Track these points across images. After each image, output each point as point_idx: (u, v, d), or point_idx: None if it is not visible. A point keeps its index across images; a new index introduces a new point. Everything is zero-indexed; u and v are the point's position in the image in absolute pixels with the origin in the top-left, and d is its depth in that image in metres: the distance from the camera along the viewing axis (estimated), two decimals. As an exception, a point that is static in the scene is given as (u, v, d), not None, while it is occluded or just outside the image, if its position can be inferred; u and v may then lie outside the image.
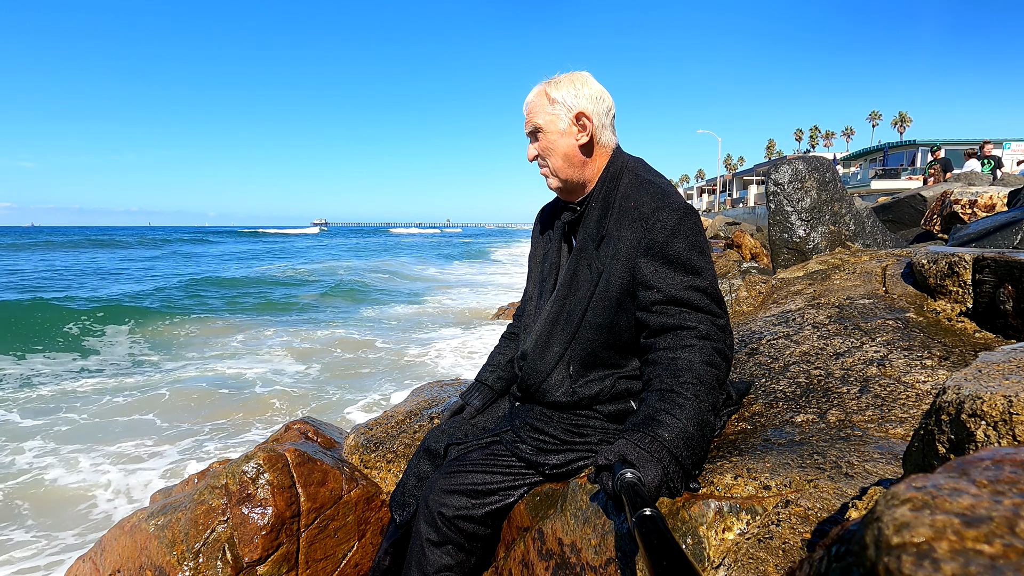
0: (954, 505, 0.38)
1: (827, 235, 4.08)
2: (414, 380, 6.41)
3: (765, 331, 2.19)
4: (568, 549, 1.26)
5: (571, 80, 1.41)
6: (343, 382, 6.63)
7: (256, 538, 1.76)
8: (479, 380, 1.74)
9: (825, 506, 1.01)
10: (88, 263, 26.60)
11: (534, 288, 1.57)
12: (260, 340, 9.31)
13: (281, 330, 10.18)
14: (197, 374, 7.02)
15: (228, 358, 8.03)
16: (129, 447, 4.73)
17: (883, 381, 1.57)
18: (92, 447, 4.72)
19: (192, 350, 8.80)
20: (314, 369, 7.28)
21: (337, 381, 6.68)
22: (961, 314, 1.99)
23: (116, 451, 4.64)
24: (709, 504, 1.07)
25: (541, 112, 1.40)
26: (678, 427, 1.10)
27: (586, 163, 1.42)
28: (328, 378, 6.83)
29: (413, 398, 2.58)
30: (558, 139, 1.40)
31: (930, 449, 0.85)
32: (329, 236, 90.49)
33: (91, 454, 4.58)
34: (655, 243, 1.27)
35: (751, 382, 1.73)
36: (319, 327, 10.47)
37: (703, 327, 1.22)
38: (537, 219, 1.68)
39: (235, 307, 13.35)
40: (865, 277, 2.63)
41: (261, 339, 9.40)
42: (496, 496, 1.43)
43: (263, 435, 4.86)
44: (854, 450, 1.21)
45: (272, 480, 1.82)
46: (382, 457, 2.14)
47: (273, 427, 4.94)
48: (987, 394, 0.78)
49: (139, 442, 4.83)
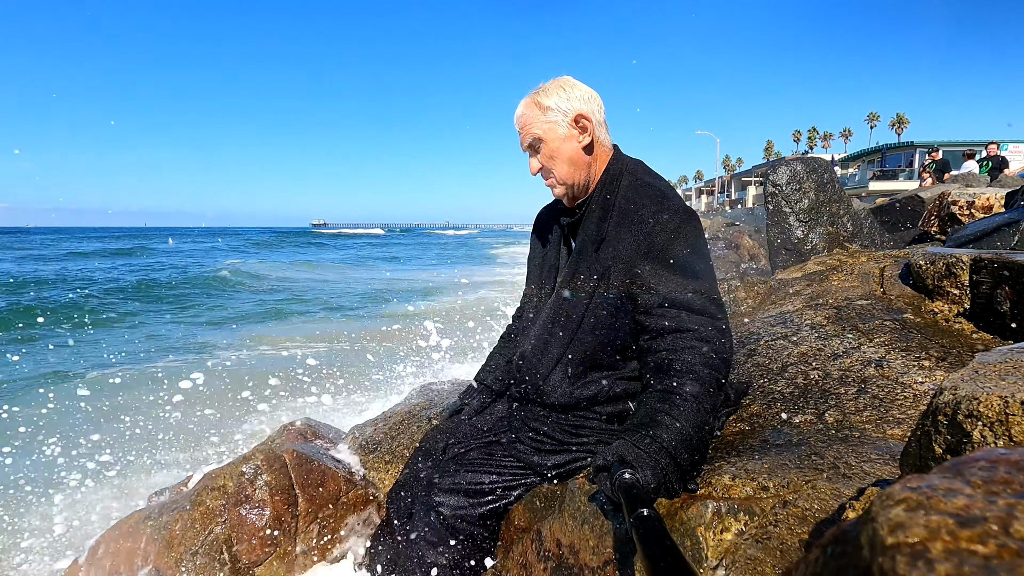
0: (949, 505, 0.38)
1: (825, 236, 4.08)
2: (413, 380, 6.40)
3: (763, 332, 2.19)
4: (567, 550, 1.26)
5: (559, 85, 1.39)
6: (342, 381, 6.63)
7: (254, 539, 1.76)
8: (478, 381, 1.75)
9: (823, 507, 1.02)
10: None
11: (533, 290, 1.57)
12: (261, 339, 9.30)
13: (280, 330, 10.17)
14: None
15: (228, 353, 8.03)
16: (127, 447, 4.72)
17: (881, 382, 1.58)
18: (92, 446, 4.71)
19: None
20: (315, 369, 7.27)
21: (336, 381, 6.67)
22: (959, 315, 2.00)
23: (115, 450, 4.62)
24: (707, 505, 1.07)
25: (537, 123, 1.38)
26: (677, 428, 1.11)
27: (590, 164, 1.42)
28: (327, 377, 6.83)
29: (411, 399, 2.58)
30: (561, 145, 1.38)
31: (927, 450, 0.85)
32: (390, 238, 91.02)
33: (92, 453, 4.56)
34: (655, 246, 1.27)
35: (749, 383, 1.74)
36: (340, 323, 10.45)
37: (703, 329, 1.22)
38: (536, 221, 1.68)
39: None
40: (863, 278, 2.63)
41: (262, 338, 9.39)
42: (494, 496, 1.43)
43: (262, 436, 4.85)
44: (852, 451, 1.22)
45: (270, 481, 1.82)
46: (380, 458, 2.14)
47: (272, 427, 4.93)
48: (983, 395, 0.78)
49: (136, 442, 4.82)
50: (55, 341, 9.55)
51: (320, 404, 5.79)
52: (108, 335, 9.95)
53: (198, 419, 5.42)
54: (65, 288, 15.90)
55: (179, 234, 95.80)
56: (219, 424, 5.26)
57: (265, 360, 7.91)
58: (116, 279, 18.29)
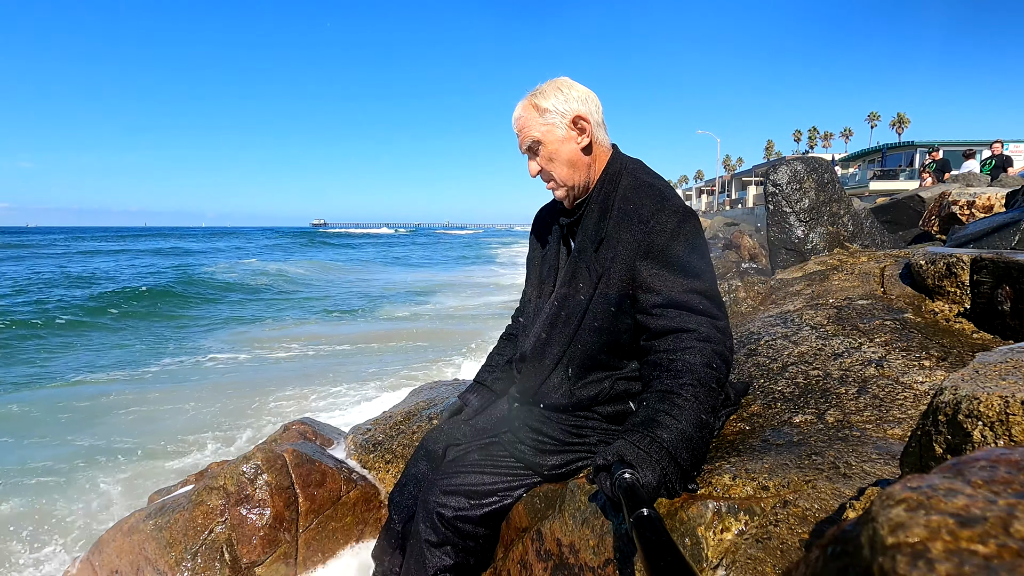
0: (949, 505, 0.38)
1: (825, 236, 4.08)
2: (413, 380, 6.40)
3: (763, 332, 2.19)
4: (567, 550, 1.26)
5: (556, 86, 1.38)
6: (342, 382, 6.63)
7: (255, 539, 1.76)
8: (478, 381, 1.74)
9: (823, 507, 1.02)
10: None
11: (532, 290, 1.57)
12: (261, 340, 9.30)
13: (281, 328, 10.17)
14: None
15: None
16: (127, 448, 4.72)
17: (881, 382, 1.58)
18: (92, 447, 4.72)
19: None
20: (313, 368, 7.27)
21: (336, 381, 6.67)
22: (959, 315, 2.00)
23: (115, 451, 4.63)
24: (707, 505, 1.07)
25: (535, 125, 1.37)
26: (677, 428, 1.11)
27: (589, 165, 1.41)
28: (327, 378, 6.82)
29: (411, 399, 2.58)
30: (560, 147, 1.37)
31: (927, 450, 0.85)
32: (411, 238, 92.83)
33: (91, 454, 4.57)
34: (654, 246, 1.27)
35: (749, 383, 1.74)
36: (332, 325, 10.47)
37: (703, 329, 1.22)
38: (535, 220, 1.67)
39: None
40: (863, 278, 2.63)
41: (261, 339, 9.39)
42: (495, 497, 1.43)
43: (262, 436, 4.85)
44: (852, 451, 1.22)
45: (271, 481, 1.82)
46: (381, 458, 2.14)
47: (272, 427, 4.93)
48: (984, 395, 0.78)
49: (137, 442, 4.83)
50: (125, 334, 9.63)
51: (320, 404, 5.80)
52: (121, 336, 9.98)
53: (198, 419, 5.42)
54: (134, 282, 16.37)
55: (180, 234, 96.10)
56: (219, 424, 5.27)
57: (266, 360, 7.92)
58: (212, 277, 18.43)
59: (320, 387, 6.41)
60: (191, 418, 5.47)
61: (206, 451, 4.63)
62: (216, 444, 4.77)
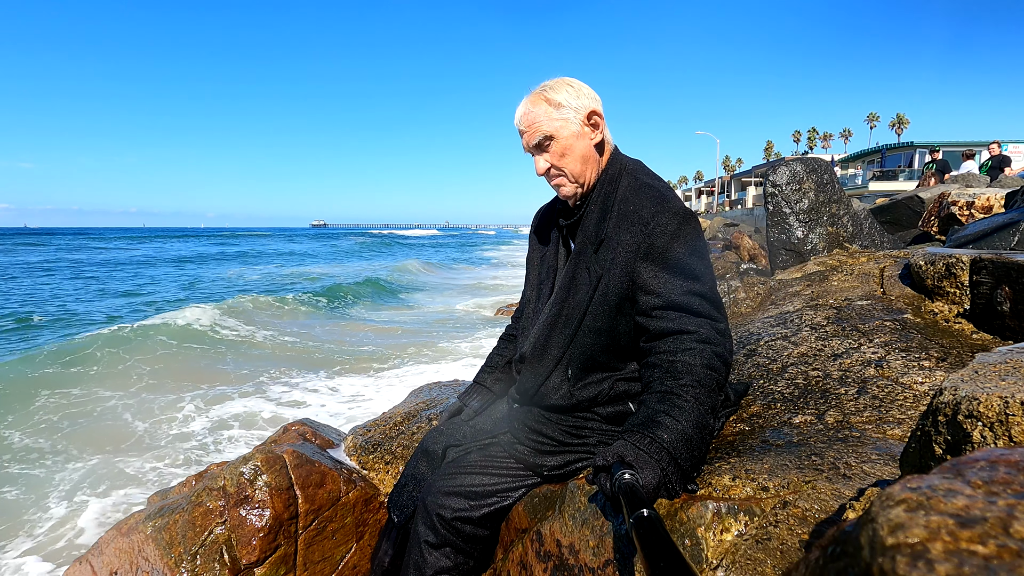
0: (948, 506, 0.38)
1: (825, 236, 4.08)
2: (413, 380, 6.40)
3: (763, 332, 2.19)
4: (566, 550, 1.26)
5: (566, 84, 1.38)
6: (343, 382, 6.62)
7: (254, 540, 1.76)
8: (477, 382, 1.74)
9: (823, 507, 1.02)
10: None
11: (532, 291, 1.56)
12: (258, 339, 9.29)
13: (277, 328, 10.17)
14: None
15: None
16: (127, 448, 4.72)
17: (881, 382, 1.58)
18: (92, 447, 4.71)
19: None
20: (313, 367, 7.27)
21: (337, 381, 6.67)
22: (959, 315, 2.00)
23: (114, 452, 4.62)
24: (707, 505, 1.07)
25: (547, 120, 1.35)
26: (677, 429, 1.10)
27: (599, 162, 1.41)
28: (327, 378, 6.82)
29: (411, 399, 2.58)
30: (574, 142, 1.36)
31: (927, 450, 0.85)
32: (449, 238, 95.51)
33: (91, 454, 4.56)
34: (654, 248, 1.27)
35: (749, 383, 1.73)
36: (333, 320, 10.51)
37: (703, 331, 1.22)
38: (534, 221, 1.67)
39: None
40: (863, 278, 2.63)
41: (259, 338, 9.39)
42: (494, 498, 1.43)
43: (261, 437, 4.85)
44: (852, 451, 1.22)
45: (270, 482, 1.82)
46: (380, 458, 2.14)
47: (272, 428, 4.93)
48: (983, 395, 0.78)
49: (136, 442, 4.82)
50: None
51: (320, 404, 5.80)
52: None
53: (199, 419, 5.42)
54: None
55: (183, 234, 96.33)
56: (220, 424, 5.26)
57: (264, 362, 7.91)
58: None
59: (321, 387, 6.40)
60: (193, 418, 5.46)
61: (206, 451, 4.62)
62: (216, 445, 4.77)
